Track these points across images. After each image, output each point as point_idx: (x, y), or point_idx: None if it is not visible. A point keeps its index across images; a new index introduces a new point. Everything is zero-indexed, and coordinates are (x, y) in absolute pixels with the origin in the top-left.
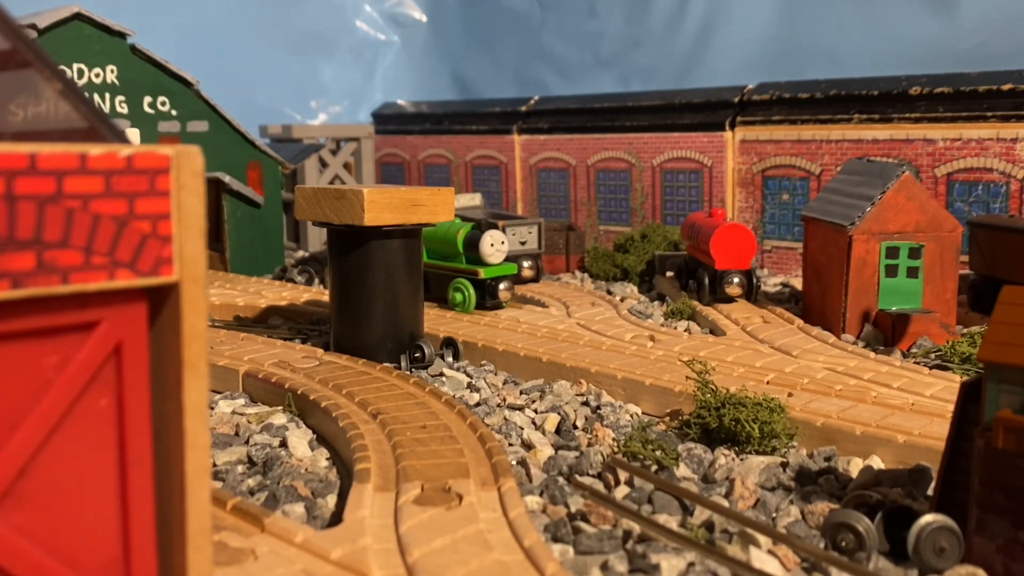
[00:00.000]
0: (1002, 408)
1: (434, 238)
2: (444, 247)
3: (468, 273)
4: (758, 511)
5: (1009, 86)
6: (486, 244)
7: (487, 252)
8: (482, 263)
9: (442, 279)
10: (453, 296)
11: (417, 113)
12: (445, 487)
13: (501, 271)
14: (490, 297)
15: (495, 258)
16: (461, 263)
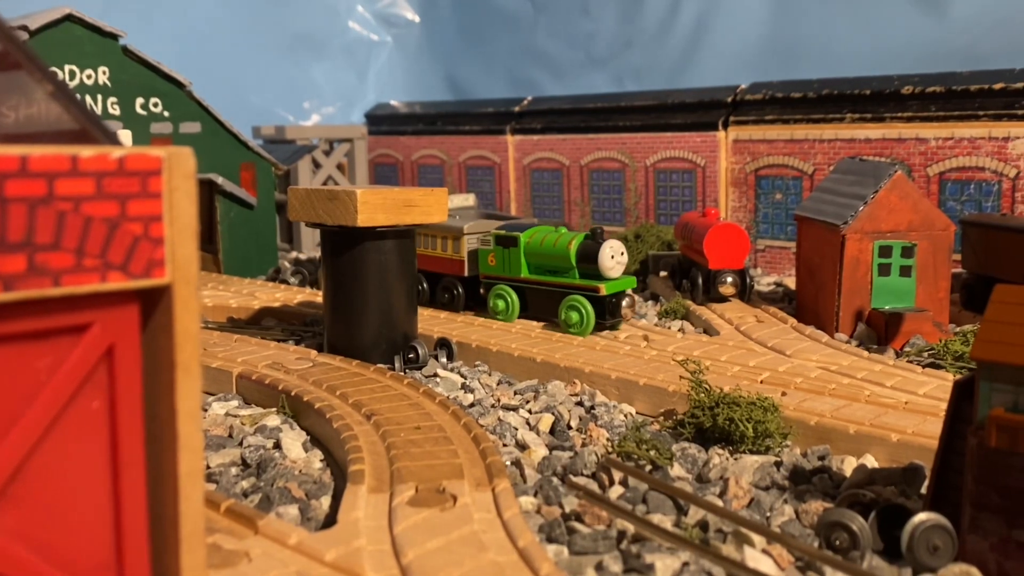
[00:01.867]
0: (995, 407)
1: (537, 251)
2: (551, 260)
3: (585, 290)
4: (752, 510)
5: (1000, 85)
6: (606, 256)
7: (607, 265)
8: (601, 277)
9: (547, 297)
10: (568, 316)
11: (410, 114)
12: (439, 488)
13: (621, 285)
14: (610, 315)
15: (615, 271)
16: (574, 278)
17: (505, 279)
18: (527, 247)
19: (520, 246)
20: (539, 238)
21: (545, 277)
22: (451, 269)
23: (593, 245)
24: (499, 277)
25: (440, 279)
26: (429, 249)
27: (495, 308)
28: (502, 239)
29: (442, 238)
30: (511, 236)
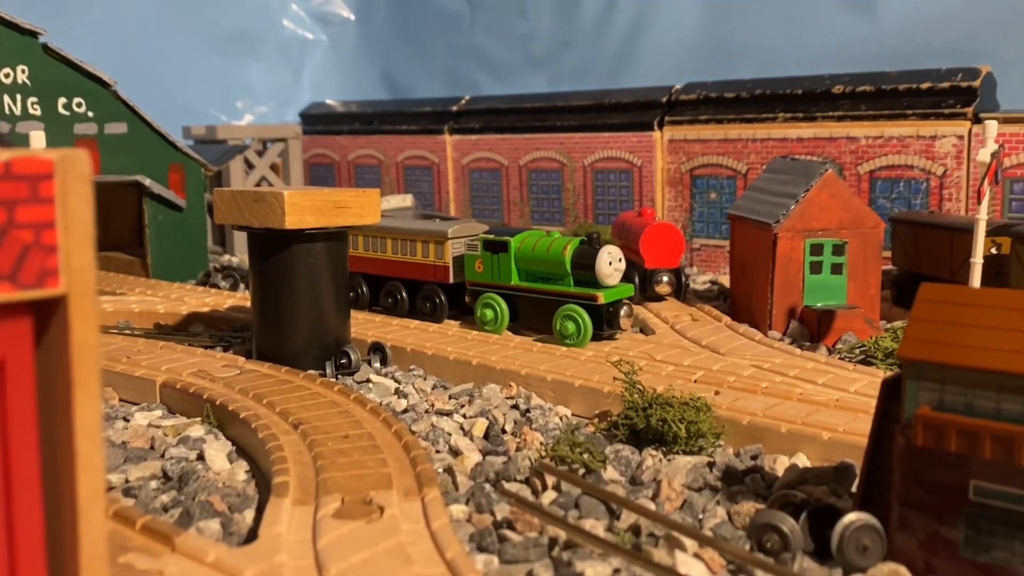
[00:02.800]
0: (921, 405)
1: (529, 257)
2: (544, 267)
3: (582, 298)
4: (685, 513)
5: (928, 85)
6: (604, 262)
7: (605, 272)
8: (598, 285)
9: (540, 306)
10: (563, 326)
11: (346, 113)
12: (366, 499)
13: (619, 293)
14: (608, 326)
15: (613, 278)
16: (569, 286)
17: (494, 287)
18: (518, 253)
19: (511, 252)
20: (531, 243)
21: (538, 285)
22: (433, 276)
23: (590, 251)
24: (487, 285)
25: (419, 287)
26: (407, 255)
27: (483, 318)
28: (491, 244)
29: (422, 243)
30: (501, 241)
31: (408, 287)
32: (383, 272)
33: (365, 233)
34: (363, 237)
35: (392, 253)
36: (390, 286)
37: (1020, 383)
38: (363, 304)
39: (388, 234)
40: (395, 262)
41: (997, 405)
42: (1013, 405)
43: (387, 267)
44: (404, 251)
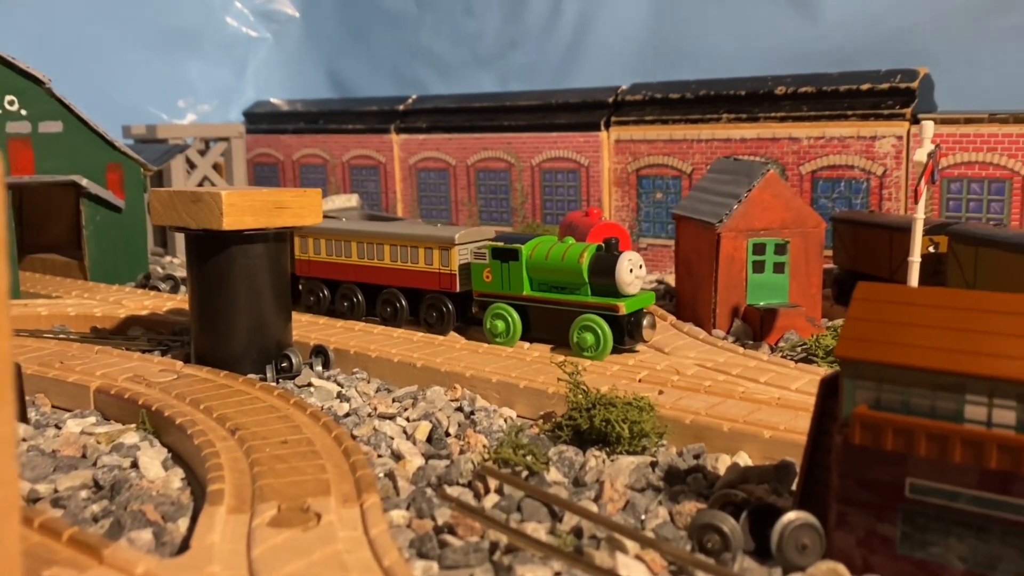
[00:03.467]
0: (859, 404)
1: (542, 265)
2: (558, 276)
3: (601, 308)
4: (627, 514)
5: (868, 86)
6: (624, 269)
7: (625, 280)
8: (618, 294)
9: (555, 317)
10: (582, 338)
11: (291, 112)
12: (303, 506)
13: (641, 302)
14: (629, 337)
15: (634, 287)
16: (586, 295)
17: (504, 297)
18: (530, 261)
19: (522, 260)
20: (543, 251)
21: (552, 295)
22: (437, 284)
23: (609, 258)
24: (496, 295)
25: (422, 296)
26: (408, 263)
27: (493, 330)
28: (500, 252)
29: (426, 249)
30: (511, 249)
31: (408, 296)
32: (380, 280)
33: (359, 239)
34: (356, 243)
35: (391, 260)
36: (388, 295)
37: (954, 381)
38: (359, 314)
39: (386, 240)
40: (393, 270)
41: (932, 403)
42: (947, 403)
43: (385, 275)
44: (404, 258)
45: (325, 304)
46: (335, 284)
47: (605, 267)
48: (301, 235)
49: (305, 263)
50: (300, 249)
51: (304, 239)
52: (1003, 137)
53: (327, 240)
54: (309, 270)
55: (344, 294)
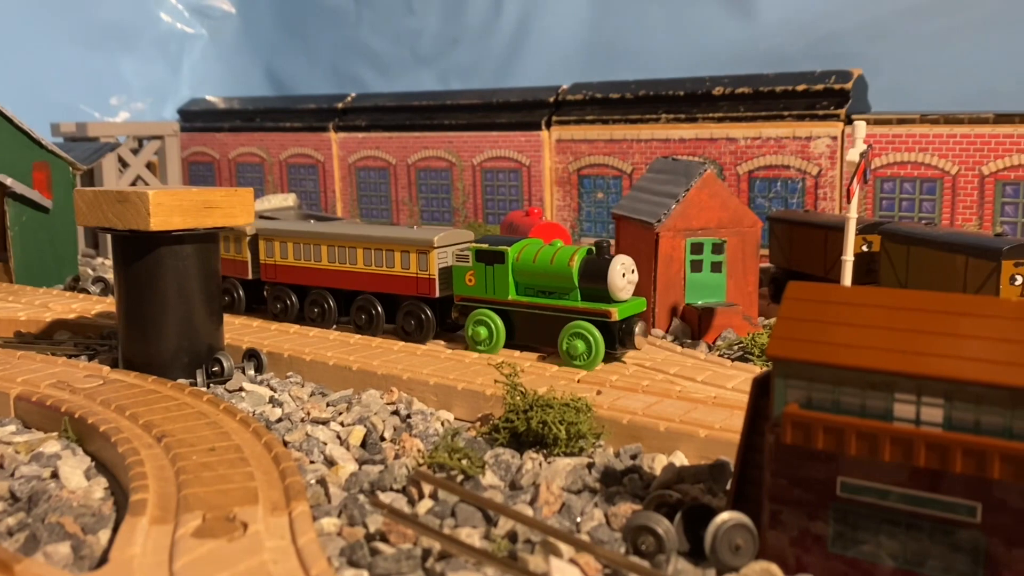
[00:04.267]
0: (790, 403)
1: (529, 268)
2: (547, 280)
3: (592, 314)
4: (562, 516)
5: (803, 87)
6: (616, 274)
7: (618, 285)
8: (609, 299)
9: (542, 323)
10: (571, 345)
11: (227, 109)
12: (230, 516)
13: (633, 308)
14: (621, 344)
15: (627, 292)
16: (576, 300)
17: (488, 302)
18: (516, 264)
19: (507, 263)
20: (531, 253)
21: (539, 300)
22: (415, 290)
23: (600, 261)
24: (480, 300)
25: (399, 302)
26: (383, 267)
27: (475, 337)
28: (484, 254)
29: (402, 252)
30: (496, 251)
31: (384, 302)
32: (353, 286)
33: (330, 242)
34: (327, 247)
35: (364, 264)
36: (362, 301)
37: (883, 380)
38: (330, 320)
39: (359, 243)
40: (368, 274)
41: (862, 402)
42: (877, 402)
43: (358, 280)
44: (379, 262)
45: (293, 311)
46: (304, 290)
47: (596, 271)
48: (267, 238)
49: (271, 267)
50: (266, 253)
51: (270, 242)
52: (934, 138)
53: (295, 243)
54: (275, 275)
55: (314, 300)
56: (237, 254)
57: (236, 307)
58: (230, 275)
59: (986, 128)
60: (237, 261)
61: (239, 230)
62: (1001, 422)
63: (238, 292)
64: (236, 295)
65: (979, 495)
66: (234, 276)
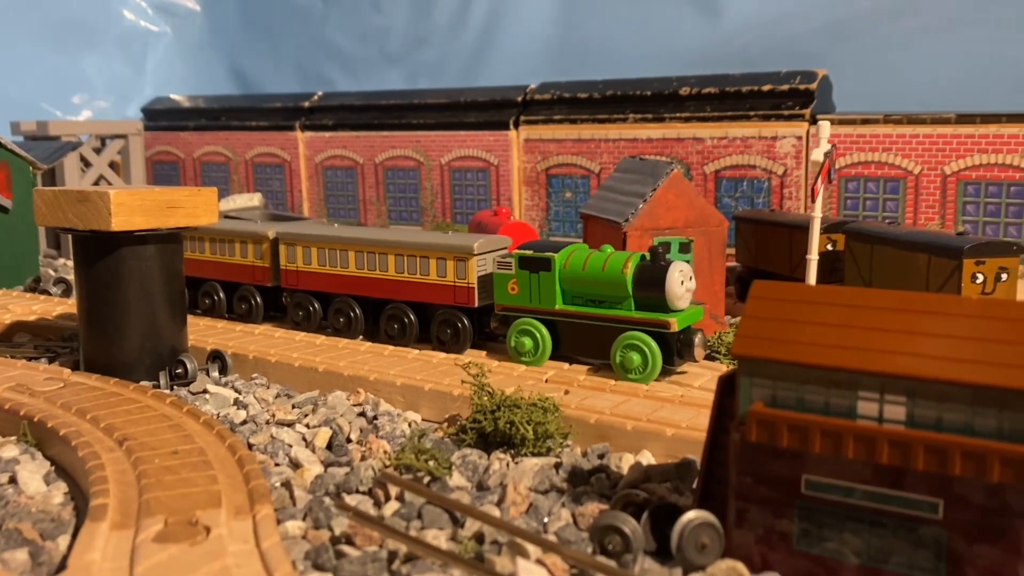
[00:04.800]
0: (755, 401)
1: (578, 276)
2: (598, 288)
3: (649, 325)
4: (530, 517)
5: (769, 87)
6: (674, 281)
7: (676, 293)
8: (667, 308)
9: (593, 334)
10: (626, 358)
11: (192, 108)
12: (192, 520)
13: (691, 317)
14: (679, 357)
15: (685, 300)
16: (630, 310)
17: (532, 311)
18: (564, 272)
19: (554, 270)
20: (580, 260)
21: (589, 309)
22: (453, 299)
23: (657, 268)
24: (524, 309)
25: (434, 311)
26: (417, 274)
27: (519, 348)
28: (529, 261)
29: (438, 259)
30: (542, 258)
31: (417, 311)
32: (383, 294)
33: (358, 247)
34: (355, 253)
35: (396, 271)
36: (393, 310)
37: (847, 378)
38: (356, 330)
39: (391, 249)
40: (400, 282)
41: (826, 400)
42: (841, 400)
43: (389, 288)
44: (413, 269)
45: (316, 320)
46: (328, 297)
47: (653, 279)
48: (288, 242)
49: (292, 274)
50: (287, 258)
51: (292, 247)
52: (897, 138)
53: (319, 248)
54: (297, 282)
55: (339, 309)
56: (255, 259)
57: (253, 315)
58: (246, 281)
59: (948, 128)
60: (255, 267)
61: (258, 233)
62: (962, 419)
63: (255, 299)
64: (253, 302)
65: (941, 492)
66: (251, 282)
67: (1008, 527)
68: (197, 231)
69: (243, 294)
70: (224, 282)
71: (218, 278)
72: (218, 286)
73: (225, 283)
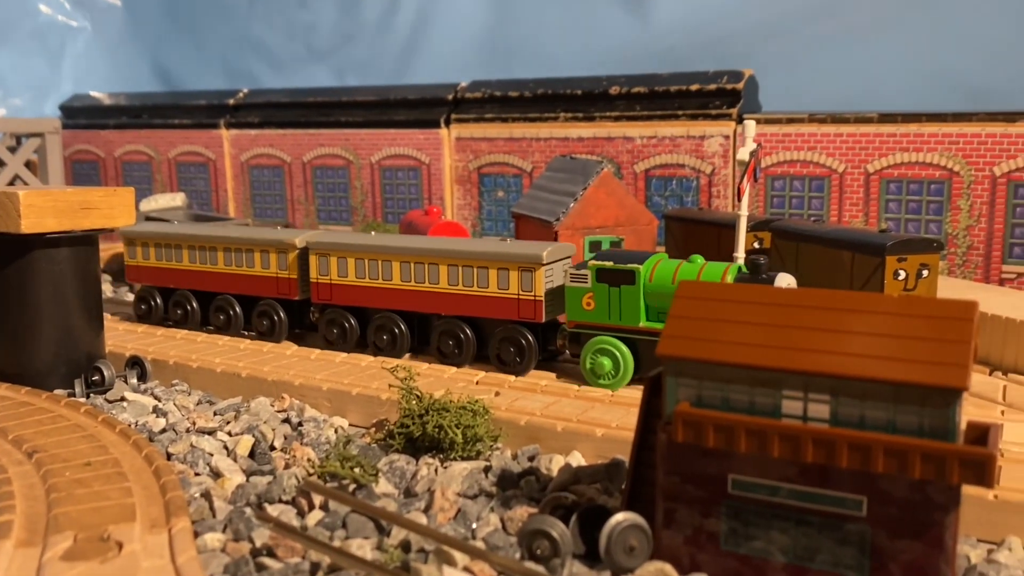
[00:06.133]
0: (681, 401)
1: (666, 290)
2: None
3: None
4: (458, 523)
5: (696, 86)
6: None
7: None
8: None
9: None
10: None
11: (113, 106)
12: (104, 535)
13: None
14: None
15: None
16: None
17: (612, 329)
18: (650, 286)
19: (638, 284)
20: (667, 272)
21: None
22: (516, 314)
23: (762, 281)
24: (601, 326)
25: (494, 327)
26: (476, 287)
27: (597, 369)
28: (608, 274)
29: (500, 270)
30: (625, 270)
31: (474, 327)
32: (434, 309)
33: (404, 258)
34: (400, 263)
35: (449, 283)
36: (446, 325)
37: (771, 377)
38: (403, 349)
39: (443, 258)
40: (455, 295)
41: (751, 399)
42: (766, 399)
43: (440, 302)
44: (470, 281)
45: (353, 338)
46: (365, 312)
47: None
48: (320, 252)
49: (325, 287)
50: (318, 270)
51: (324, 257)
52: (822, 136)
53: (357, 259)
54: (331, 296)
55: (381, 325)
56: (280, 271)
57: (276, 333)
58: (268, 295)
59: (871, 127)
60: (280, 279)
61: (284, 242)
62: (885, 417)
63: (278, 315)
64: (276, 317)
65: (865, 489)
66: (274, 296)
67: (930, 521)
68: (211, 239)
69: (263, 309)
70: (240, 296)
71: (234, 291)
72: (234, 300)
73: (241, 297)
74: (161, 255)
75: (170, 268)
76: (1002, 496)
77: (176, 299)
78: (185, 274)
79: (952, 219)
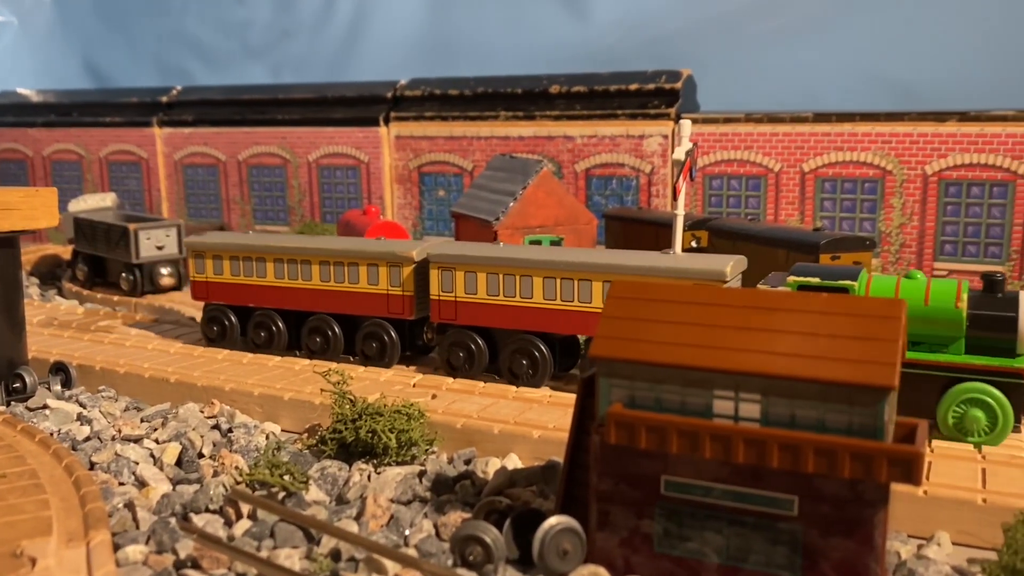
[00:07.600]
0: (614, 402)
1: None
2: (915, 325)
3: (995, 373)
4: (390, 530)
5: (636, 86)
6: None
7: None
8: (1014, 352)
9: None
10: (969, 416)
11: (41, 103)
12: (16, 551)
13: None
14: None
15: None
16: (959, 354)
17: None
18: None
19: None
20: (885, 290)
21: None
22: None
23: (1002, 300)
24: None
25: None
26: None
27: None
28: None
29: None
30: (836, 287)
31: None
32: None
33: (550, 273)
34: (544, 279)
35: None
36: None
37: (702, 377)
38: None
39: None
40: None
41: (683, 399)
42: (697, 399)
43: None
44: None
45: (482, 362)
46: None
47: (999, 316)
48: (443, 266)
49: (450, 305)
50: (440, 286)
51: (448, 271)
52: (758, 136)
53: (490, 273)
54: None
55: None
56: (392, 287)
57: (386, 356)
58: (374, 315)
59: (806, 127)
60: (391, 296)
61: (399, 255)
62: (815, 416)
63: (390, 335)
64: (387, 339)
65: (796, 488)
66: (383, 316)
67: (860, 519)
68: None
69: (371, 330)
70: (339, 315)
71: (328, 310)
72: (332, 320)
73: (340, 316)
74: (238, 269)
75: (249, 284)
76: (931, 492)
77: (258, 319)
78: (269, 291)
79: (885, 217)
